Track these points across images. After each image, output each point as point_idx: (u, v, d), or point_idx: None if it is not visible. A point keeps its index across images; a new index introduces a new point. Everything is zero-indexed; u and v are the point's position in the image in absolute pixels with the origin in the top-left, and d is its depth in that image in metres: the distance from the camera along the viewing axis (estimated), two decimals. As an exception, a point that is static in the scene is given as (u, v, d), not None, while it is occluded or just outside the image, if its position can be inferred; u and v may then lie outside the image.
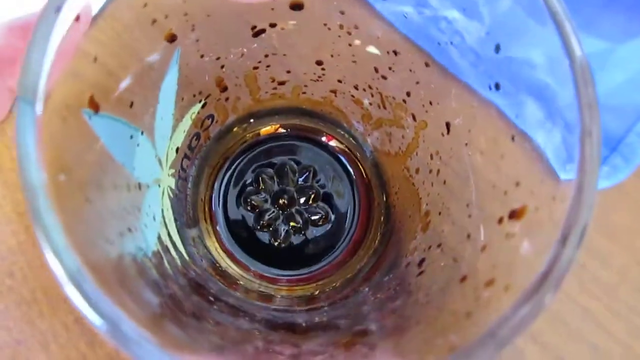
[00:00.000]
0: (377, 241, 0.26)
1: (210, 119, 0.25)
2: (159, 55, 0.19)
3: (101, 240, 0.16)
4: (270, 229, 0.27)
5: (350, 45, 0.22)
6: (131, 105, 0.18)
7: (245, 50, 0.23)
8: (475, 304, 0.15)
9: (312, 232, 0.27)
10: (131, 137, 0.19)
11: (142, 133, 0.20)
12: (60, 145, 0.15)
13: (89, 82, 0.16)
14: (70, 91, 0.15)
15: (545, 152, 0.16)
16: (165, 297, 0.17)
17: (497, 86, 0.18)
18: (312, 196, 0.27)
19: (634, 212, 0.28)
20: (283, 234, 0.27)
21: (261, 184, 0.27)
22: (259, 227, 0.27)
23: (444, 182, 0.21)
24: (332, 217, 0.28)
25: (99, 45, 0.16)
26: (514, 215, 0.16)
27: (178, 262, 0.21)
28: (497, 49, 0.17)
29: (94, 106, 0.16)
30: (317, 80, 0.25)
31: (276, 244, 0.27)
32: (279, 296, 0.25)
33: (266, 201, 0.27)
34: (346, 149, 0.28)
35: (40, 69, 0.13)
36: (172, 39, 0.19)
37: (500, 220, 0.17)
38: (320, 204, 0.28)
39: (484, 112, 0.19)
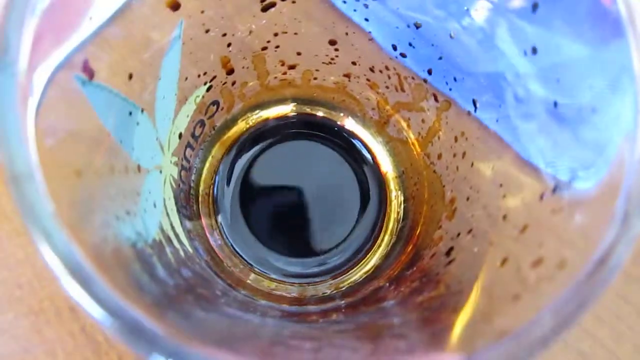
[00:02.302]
0: (395, 235, 0.25)
1: (216, 106, 0.24)
2: (160, 24, 0.17)
3: (97, 222, 0.14)
4: (279, 224, 0.25)
5: (367, 20, 0.21)
6: (130, 77, 0.17)
7: (253, 26, 0.21)
8: (522, 287, 0.13)
9: (325, 229, 0.26)
10: (130, 113, 0.17)
11: (142, 111, 0.18)
12: (49, 112, 0.13)
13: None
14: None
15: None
16: (169, 287, 0.16)
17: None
18: (324, 194, 0.26)
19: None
20: (293, 230, 0.25)
21: (268, 178, 0.26)
22: (266, 224, 0.25)
23: (472, 164, 0.19)
24: (345, 213, 0.26)
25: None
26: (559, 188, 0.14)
27: (182, 254, 0.19)
28: (535, 7, 0.15)
29: (89, 72, 0.15)
30: (330, 63, 0.23)
31: (287, 240, 0.25)
32: (290, 296, 0.23)
33: (274, 195, 0.26)
34: (360, 141, 0.27)
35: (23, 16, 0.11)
36: (175, 6, 0.17)
37: (542, 196, 0.15)
38: (331, 200, 0.26)
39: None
